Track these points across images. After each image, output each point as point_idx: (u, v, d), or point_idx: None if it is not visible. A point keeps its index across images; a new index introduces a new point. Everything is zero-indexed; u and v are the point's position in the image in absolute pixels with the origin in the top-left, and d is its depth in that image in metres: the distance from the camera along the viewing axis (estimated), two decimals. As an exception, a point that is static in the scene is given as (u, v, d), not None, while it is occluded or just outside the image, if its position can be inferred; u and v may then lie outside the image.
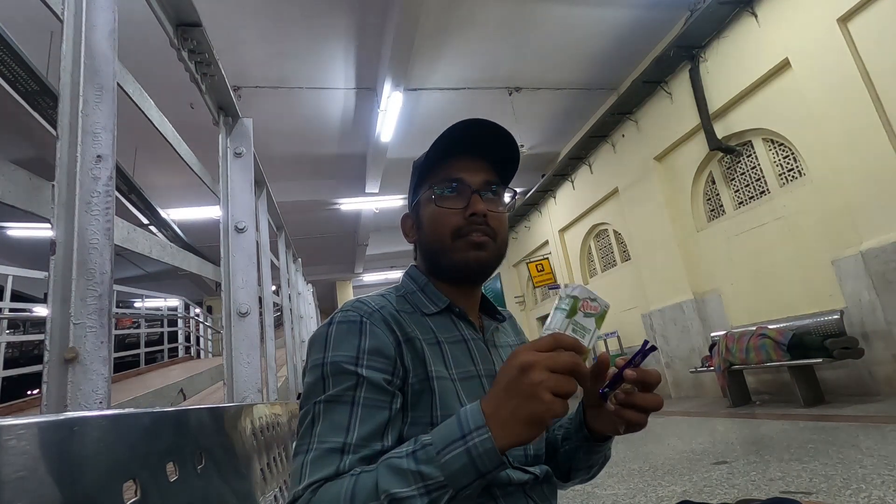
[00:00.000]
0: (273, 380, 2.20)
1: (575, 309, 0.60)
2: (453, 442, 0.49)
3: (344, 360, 0.59)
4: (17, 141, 5.83)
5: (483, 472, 0.49)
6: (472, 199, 0.71)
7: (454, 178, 0.72)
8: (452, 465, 0.48)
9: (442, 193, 0.72)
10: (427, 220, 0.74)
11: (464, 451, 0.48)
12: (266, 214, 2.47)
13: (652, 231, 7.09)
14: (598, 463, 0.76)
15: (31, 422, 0.40)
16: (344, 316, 0.64)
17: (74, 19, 0.85)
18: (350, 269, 15.17)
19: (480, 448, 0.48)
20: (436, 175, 0.74)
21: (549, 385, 0.48)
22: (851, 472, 2.30)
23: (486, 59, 6.47)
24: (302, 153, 8.27)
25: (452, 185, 0.72)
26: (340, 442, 0.54)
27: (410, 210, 0.80)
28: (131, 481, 0.49)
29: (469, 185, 0.71)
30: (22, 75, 4.04)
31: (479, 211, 0.70)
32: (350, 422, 0.56)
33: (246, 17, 5.27)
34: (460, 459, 0.48)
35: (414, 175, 0.78)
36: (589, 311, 0.60)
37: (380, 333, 0.62)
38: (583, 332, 0.60)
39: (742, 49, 5.33)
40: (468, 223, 0.70)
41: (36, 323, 10.25)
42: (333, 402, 0.57)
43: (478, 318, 0.78)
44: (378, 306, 0.66)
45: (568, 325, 0.59)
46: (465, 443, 0.49)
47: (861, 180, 4.26)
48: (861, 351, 4.29)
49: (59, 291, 0.73)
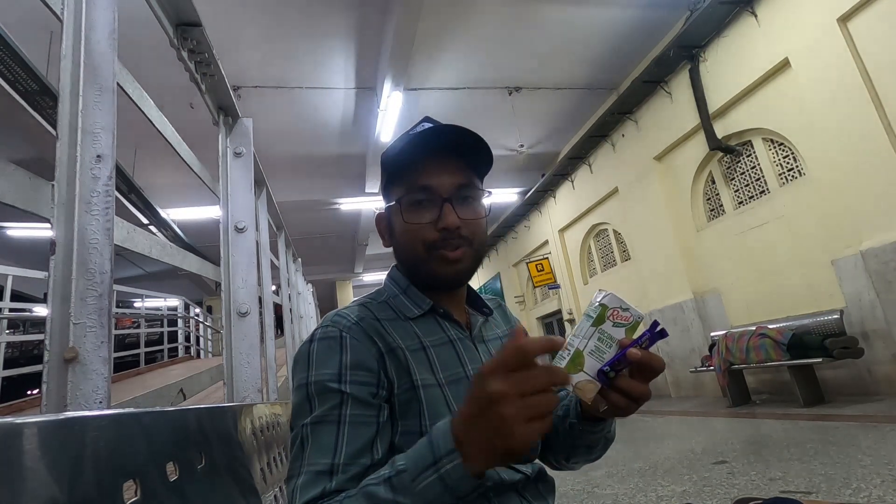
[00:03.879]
0: (273, 380, 2.20)
1: (603, 318, 0.57)
2: (426, 469, 0.47)
3: (327, 378, 0.59)
4: (17, 141, 5.83)
5: (460, 495, 0.47)
6: (444, 209, 0.66)
7: (423, 184, 0.67)
8: (427, 494, 0.47)
9: (411, 204, 0.67)
10: (399, 232, 0.71)
11: (437, 479, 0.46)
12: (266, 214, 2.47)
13: (652, 231, 7.09)
14: (599, 443, 0.73)
15: (31, 422, 0.40)
16: (324, 332, 0.63)
17: (74, 19, 0.85)
18: (350, 269, 15.17)
19: (453, 475, 0.46)
20: (404, 177, 0.69)
21: (523, 416, 0.43)
22: (851, 472, 2.30)
23: (486, 59, 6.47)
24: (302, 153, 8.27)
25: (421, 195, 0.67)
26: (328, 463, 0.54)
27: (384, 208, 0.76)
28: (131, 481, 0.49)
29: (440, 194, 0.67)
30: (22, 75, 4.05)
31: (451, 225, 0.66)
32: (337, 442, 0.55)
33: (246, 17, 5.27)
34: (434, 488, 0.47)
35: (382, 168, 0.74)
36: (619, 321, 0.58)
37: (361, 347, 0.61)
38: (609, 342, 0.57)
39: (742, 49, 5.33)
40: (441, 238, 0.66)
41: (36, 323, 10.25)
42: (320, 422, 0.57)
43: (464, 314, 0.76)
44: (358, 318, 0.65)
45: (594, 335, 0.57)
46: (437, 470, 0.47)
47: (861, 180, 4.26)
48: (861, 350, 4.29)
49: (59, 291, 0.73)
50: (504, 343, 0.57)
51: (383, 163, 0.73)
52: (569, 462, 0.77)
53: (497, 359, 0.45)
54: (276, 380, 2.26)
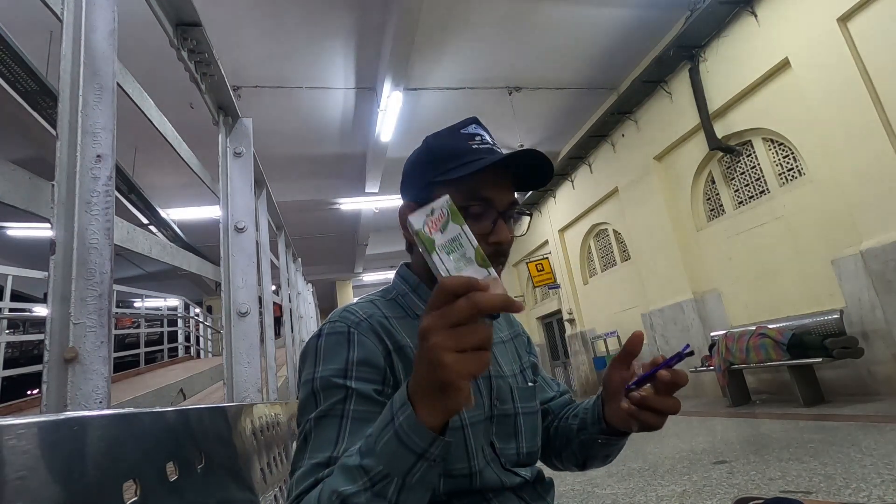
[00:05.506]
0: (273, 380, 2.20)
1: (428, 239, 0.49)
2: (385, 427, 0.47)
3: (333, 373, 0.59)
4: (17, 141, 5.83)
5: (418, 451, 0.46)
6: (498, 225, 0.66)
7: (483, 196, 0.65)
8: (387, 451, 0.46)
9: (465, 212, 0.64)
10: None
11: (393, 434, 0.46)
12: (266, 214, 2.46)
13: (652, 231, 7.09)
14: (615, 452, 0.75)
15: (31, 422, 0.40)
16: (332, 328, 0.63)
17: (74, 19, 0.85)
18: (350, 269, 15.16)
19: (405, 425, 0.46)
20: (461, 182, 0.65)
21: (449, 345, 0.42)
22: (851, 472, 2.30)
23: (486, 58, 6.47)
24: (302, 153, 8.27)
25: (478, 205, 0.65)
26: (327, 456, 0.54)
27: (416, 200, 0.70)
28: (131, 481, 0.49)
29: (496, 209, 0.66)
30: (22, 75, 4.05)
31: (504, 241, 0.65)
32: (339, 435, 0.55)
33: (246, 17, 5.26)
34: (391, 443, 0.46)
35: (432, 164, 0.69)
36: (438, 224, 0.50)
37: (368, 343, 0.61)
38: (457, 246, 0.49)
39: (742, 49, 5.33)
40: (492, 252, 0.65)
41: (36, 323, 10.25)
42: (324, 417, 0.57)
43: None
44: (366, 315, 0.65)
45: (440, 257, 0.48)
46: (394, 425, 0.46)
47: (861, 180, 4.26)
48: (861, 350, 4.29)
49: (59, 291, 0.73)
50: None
51: (433, 156, 0.69)
52: (584, 468, 0.78)
53: (431, 301, 0.45)
54: (276, 380, 2.26)
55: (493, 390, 0.69)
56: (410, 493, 0.47)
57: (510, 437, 0.69)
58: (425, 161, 0.70)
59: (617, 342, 8.47)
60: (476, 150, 0.67)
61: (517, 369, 0.76)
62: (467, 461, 0.61)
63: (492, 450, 0.66)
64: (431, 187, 0.68)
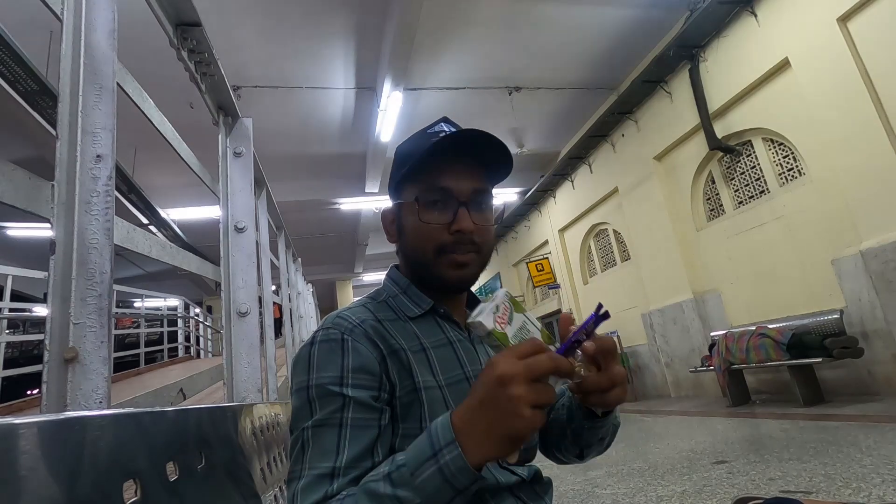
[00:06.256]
0: (273, 380, 2.20)
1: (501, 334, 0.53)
2: (426, 461, 0.47)
3: (329, 381, 0.58)
4: (16, 141, 5.83)
5: (459, 488, 0.47)
6: (459, 213, 0.66)
7: (440, 185, 0.67)
8: (427, 487, 0.47)
9: (426, 204, 0.67)
10: (409, 231, 0.70)
11: (436, 471, 0.46)
12: (266, 214, 2.46)
13: (652, 231, 7.09)
14: (609, 434, 0.73)
15: (31, 422, 0.40)
16: (325, 335, 0.62)
17: (74, 19, 0.85)
18: (350, 269, 15.17)
19: (452, 467, 0.46)
20: (422, 176, 0.68)
21: (531, 399, 0.44)
22: (851, 472, 2.30)
23: (486, 58, 6.47)
24: (302, 153, 8.27)
25: (438, 196, 0.67)
26: (330, 467, 0.54)
27: (392, 205, 0.76)
28: (131, 481, 0.49)
29: (456, 197, 0.67)
30: (22, 75, 4.04)
31: (465, 229, 0.66)
32: (339, 445, 0.55)
33: (246, 17, 5.27)
34: (434, 480, 0.47)
35: (397, 165, 0.73)
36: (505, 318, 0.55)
37: (363, 350, 0.61)
38: (525, 333, 0.55)
39: (742, 49, 5.33)
40: (453, 241, 0.66)
41: (36, 323, 10.25)
42: (322, 426, 0.57)
43: (464, 316, 0.75)
44: (359, 320, 0.64)
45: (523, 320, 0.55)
46: (437, 462, 0.47)
47: (861, 180, 4.26)
48: (861, 350, 4.29)
49: (59, 291, 0.73)
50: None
51: (398, 158, 0.73)
52: (583, 458, 0.77)
53: (510, 349, 0.48)
54: (276, 380, 2.26)
55: None
56: None
57: None
58: (394, 165, 0.75)
59: (617, 342, 8.47)
60: (435, 143, 0.67)
61: None
62: None
63: None
64: (401, 186, 0.72)
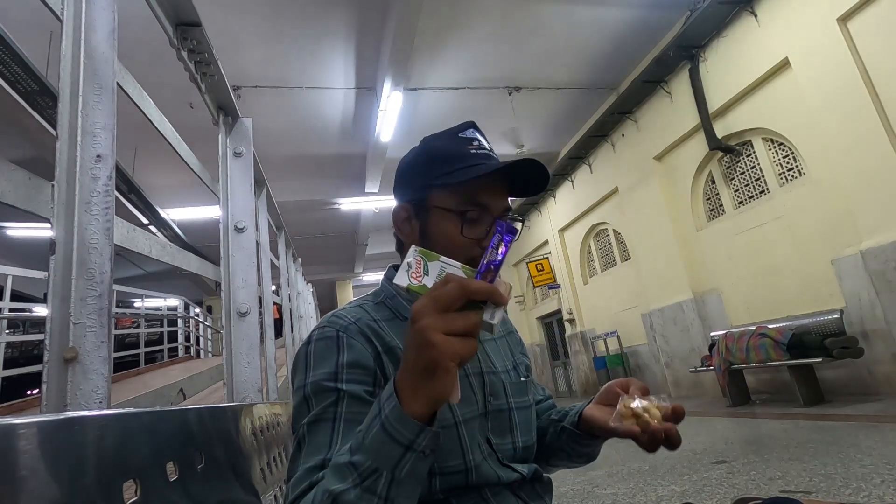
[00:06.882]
0: (273, 380, 2.20)
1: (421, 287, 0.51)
2: (372, 420, 0.48)
3: (324, 377, 0.59)
4: (16, 141, 5.83)
5: (405, 443, 0.46)
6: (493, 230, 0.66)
7: (480, 201, 0.67)
8: (374, 444, 0.46)
9: (462, 216, 0.66)
10: (439, 237, 0.68)
11: (380, 427, 0.46)
12: (266, 214, 2.46)
13: (652, 231, 7.09)
14: (584, 456, 0.76)
15: (31, 421, 0.40)
16: (320, 333, 0.63)
17: (74, 19, 0.85)
18: (350, 269, 15.16)
19: (391, 417, 0.46)
20: (459, 187, 0.67)
21: (438, 326, 0.43)
22: (851, 472, 2.30)
23: (486, 59, 6.47)
24: (302, 153, 8.27)
25: (475, 211, 0.66)
26: (321, 459, 0.54)
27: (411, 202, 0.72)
28: (131, 481, 0.49)
29: (492, 214, 0.67)
30: (22, 75, 4.05)
31: None
32: (332, 438, 0.56)
33: (246, 17, 5.26)
34: (379, 436, 0.46)
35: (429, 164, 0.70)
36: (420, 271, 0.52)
37: (357, 346, 0.61)
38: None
39: (742, 49, 5.33)
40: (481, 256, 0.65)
41: (36, 323, 10.25)
42: (317, 421, 0.57)
43: None
44: (354, 318, 0.65)
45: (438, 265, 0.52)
46: (380, 417, 0.47)
47: (861, 180, 4.26)
48: (861, 350, 4.29)
49: (59, 291, 0.73)
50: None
51: (431, 156, 0.70)
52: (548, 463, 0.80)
53: (428, 291, 0.47)
54: (276, 380, 2.26)
55: (487, 386, 0.69)
56: (401, 488, 0.47)
57: (505, 433, 0.69)
58: (423, 162, 0.71)
59: (617, 342, 8.47)
60: (474, 154, 0.68)
61: (510, 365, 0.77)
62: (461, 457, 0.61)
63: (488, 446, 0.66)
64: (429, 189, 0.69)
